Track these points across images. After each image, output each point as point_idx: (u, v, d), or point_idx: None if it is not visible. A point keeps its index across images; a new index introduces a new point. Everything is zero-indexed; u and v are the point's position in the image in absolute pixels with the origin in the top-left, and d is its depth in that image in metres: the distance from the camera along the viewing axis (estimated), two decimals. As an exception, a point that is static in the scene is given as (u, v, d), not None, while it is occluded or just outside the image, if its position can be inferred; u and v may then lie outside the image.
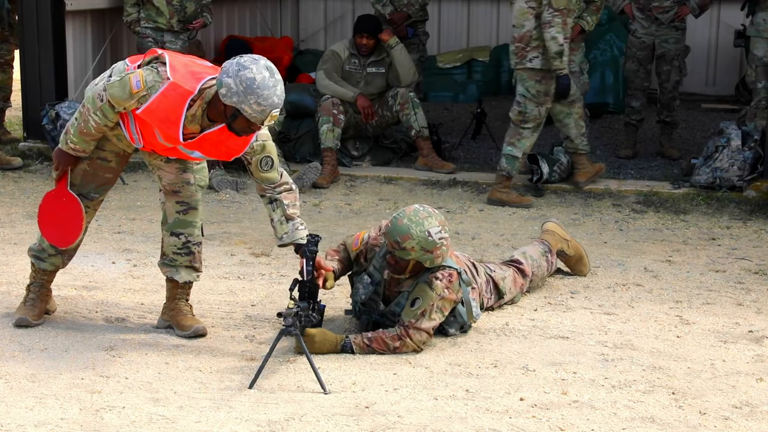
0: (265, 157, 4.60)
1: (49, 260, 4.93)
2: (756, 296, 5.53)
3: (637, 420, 3.98)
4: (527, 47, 7.31)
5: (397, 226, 4.67)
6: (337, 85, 8.26)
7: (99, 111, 4.51)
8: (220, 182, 7.78)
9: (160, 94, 4.39)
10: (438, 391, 4.22)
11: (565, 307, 5.32)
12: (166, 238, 4.87)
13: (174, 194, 4.81)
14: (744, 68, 10.81)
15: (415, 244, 4.64)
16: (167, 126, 4.44)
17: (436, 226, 4.69)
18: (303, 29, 13.29)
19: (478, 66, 11.98)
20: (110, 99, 4.46)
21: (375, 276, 4.86)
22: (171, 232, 4.85)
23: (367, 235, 4.97)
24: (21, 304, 4.99)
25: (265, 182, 4.65)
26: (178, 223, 4.83)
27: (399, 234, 4.65)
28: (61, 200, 4.72)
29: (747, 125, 7.90)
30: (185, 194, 4.82)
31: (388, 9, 9.08)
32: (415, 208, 4.76)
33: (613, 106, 10.88)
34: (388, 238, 4.70)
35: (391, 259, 4.73)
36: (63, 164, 4.71)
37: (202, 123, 4.49)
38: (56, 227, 4.76)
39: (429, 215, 4.72)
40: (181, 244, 4.84)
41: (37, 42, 8.59)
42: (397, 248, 4.67)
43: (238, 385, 4.26)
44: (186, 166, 4.81)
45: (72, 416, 3.93)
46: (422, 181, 8.03)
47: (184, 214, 4.83)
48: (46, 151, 8.48)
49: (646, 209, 7.35)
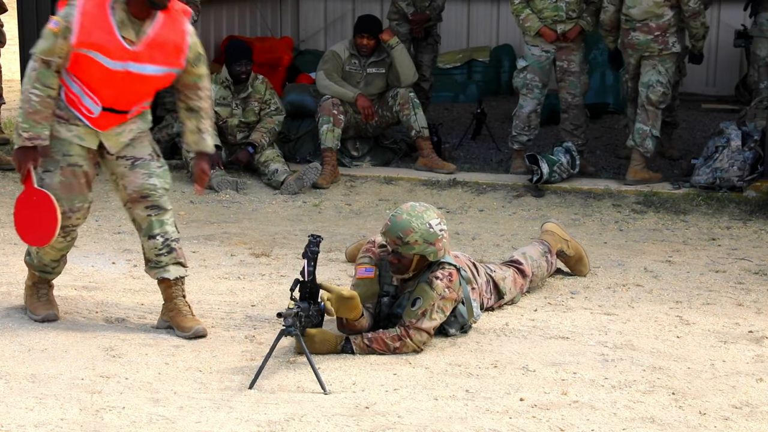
0: (197, 53, 4.80)
1: (56, 271, 5.05)
2: (756, 296, 5.53)
3: (637, 420, 3.98)
4: (666, 34, 7.68)
5: (397, 222, 4.67)
6: (337, 86, 8.26)
7: (36, 82, 4.60)
8: (220, 182, 7.78)
9: (79, 13, 4.55)
10: (438, 392, 4.22)
11: (565, 308, 5.32)
12: (146, 244, 4.91)
13: (142, 200, 4.85)
14: (744, 68, 10.81)
15: (418, 236, 4.64)
16: (105, 39, 4.56)
17: (435, 218, 4.71)
18: (303, 29, 13.28)
19: (478, 66, 11.98)
20: (41, 56, 4.59)
21: (390, 290, 4.84)
22: (148, 236, 4.88)
23: (368, 257, 4.85)
24: (35, 301, 5.04)
25: (198, 79, 4.84)
26: (153, 226, 4.87)
27: (401, 229, 4.65)
28: (31, 200, 4.72)
29: (747, 125, 7.89)
30: (154, 197, 4.86)
31: (411, 9, 9.14)
32: (411, 204, 4.77)
33: (613, 106, 10.89)
34: (389, 236, 4.69)
35: (394, 259, 4.72)
36: (24, 162, 4.72)
37: (134, 27, 4.62)
38: (34, 228, 4.77)
39: (426, 209, 4.74)
40: (161, 245, 4.87)
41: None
42: (400, 244, 4.66)
43: (238, 385, 4.26)
44: (151, 170, 4.86)
45: (72, 416, 3.93)
46: (422, 181, 8.03)
47: (156, 216, 4.87)
48: (46, 151, 8.46)
49: (646, 209, 7.35)
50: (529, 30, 8.00)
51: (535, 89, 8.11)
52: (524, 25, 8.02)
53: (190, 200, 7.57)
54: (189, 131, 4.92)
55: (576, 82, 8.10)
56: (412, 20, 9.12)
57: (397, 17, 9.33)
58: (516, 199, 7.63)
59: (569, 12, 7.93)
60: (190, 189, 7.84)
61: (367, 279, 4.79)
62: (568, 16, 7.94)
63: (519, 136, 8.21)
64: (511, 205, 7.51)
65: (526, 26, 8.00)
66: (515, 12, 8.05)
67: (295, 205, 7.46)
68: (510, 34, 12.22)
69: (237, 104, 8.18)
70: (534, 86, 8.11)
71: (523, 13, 7.99)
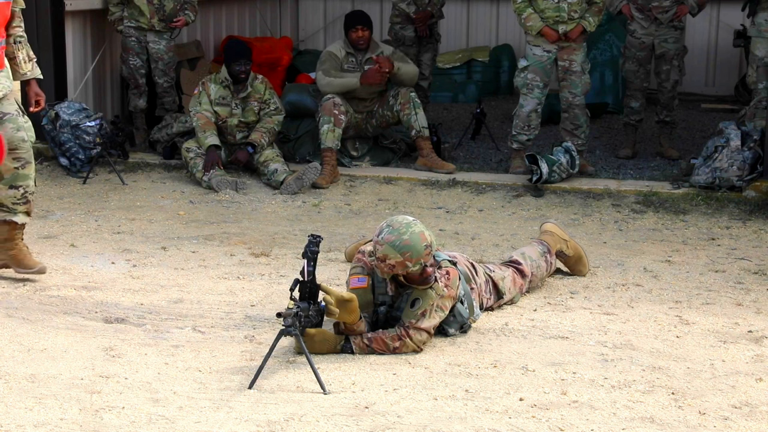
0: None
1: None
2: (755, 296, 5.54)
3: (636, 420, 3.98)
4: None
5: (393, 255, 4.55)
6: (338, 80, 8.23)
7: None
8: (220, 182, 7.77)
9: None
10: (437, 392, 4.22)
11: (565, 308, 5.32)
12: (4, 192, 5.35)
13: (11, 152, 5.29)
14: (743, 68, 10.82)
15: (415, 261, 4.56)
16: None
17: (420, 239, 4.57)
18: (302, 29, 13.30)
19: (478, 66, 11.99)
20: None
21: (386, 300, 4.80)
22: (10, 185, 5.36)
23: (360, 267, 4.79)
24: None
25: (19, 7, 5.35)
26: (18, 178, 5.36)
27: (398, 263, 4.55)
28: None
29: (746, 125, 7.90)
30: (22, 151, 5.34)
31: (412, 8, 9.14)
32: (390, 221, 4.64)
33: (613, 106, 10.90)
34: (390, 261, 4.58)
35: (403, 280, 4.68)
36: None
37: None
38: None
39: (410, 230, 4.57)
40: (20, 195, 5.40)
41: (36, 42, 8.58)
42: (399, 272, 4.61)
43: (237, 385, 4.26)
44: (18, 125, 5.32)
45: (71, 416, 3.93)
46: (422, 181, 8.03)
47: (22, 169, 5.36)
48: (45, 151, 8.48)
49: (646, 209, 7.35)
50: (531, 30, 8.00)
51: (536, 89, 8.11)
52: (526, 25, 8.02)
53: (189, 200, 7.57)
54: (23, 61, 5.42)
55: (577, 81, 8.10)
56: (416, 19, 9.13)
57: (399, 20, 9.35)
58: (515, 199, 7.63)
59: (571, 13, 7.93)
60: (190, 189, 7.85)
61: (361, 289, 4.73)
62: (569, 17, 7.94)
63: (519, 136, 8.21)
64: (510, 205, 7.51)
65: (528, 26, 8.00)
66: (517, 11, 8.04)
67: (295, 205, 7.46)
68: (509, 34, 12.24)
69: (236, 104, 8.18)
70: (535, 86, 8.11)
71: (525, 12, 7.99)
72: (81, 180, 8.05)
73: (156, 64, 9.05)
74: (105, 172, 8.20)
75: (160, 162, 8.51)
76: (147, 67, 9.09)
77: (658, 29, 8.60)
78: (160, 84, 9.13)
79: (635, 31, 8.67)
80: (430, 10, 9.28)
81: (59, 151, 8.24)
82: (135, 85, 9.09)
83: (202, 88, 8.19)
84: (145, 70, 9.08)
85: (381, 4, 12.48)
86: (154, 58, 9.03)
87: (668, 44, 8.62)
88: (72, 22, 8.93)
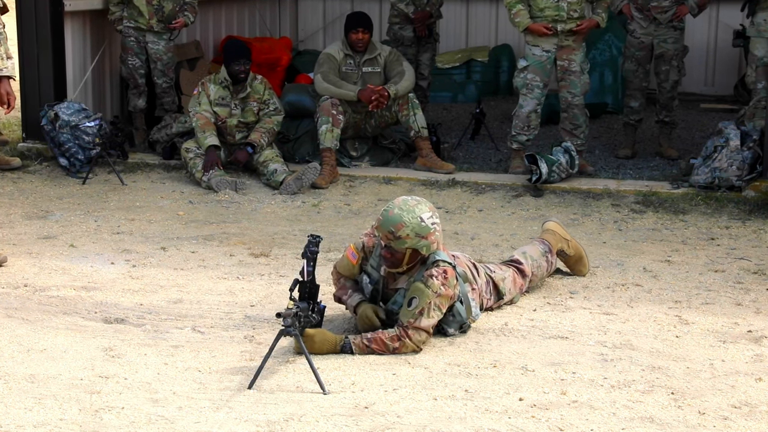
0: None
1: None
2: (755, 296, 5.53)
3: (636, 420, 3.98)
4: None
5: (389, 217, 4.68)
6: (335, 87, 8.24)
7: None
8: (220, 183, 7.77)
9: None
10: (437, 392, 4.22)
11: (564, 307, 5.32)
12: None
13: None
14: (743, 68, 10.81)
15: (410, 231, 4.64)
16: None
17: (427, 211, 4.72)
18: (302, 29, 13.29)
19: (477, 66, 11.99)
20: None
21: (373, 275, 4.87)
22: None
23: (362, 243, 4.95)
24: None
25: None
26: None
27: (392, 224, 4.66)
28: None
29: (746, 125, 7.90)
30: None
31: (411, 8, 9.14)
32: (404, 198, 4.78)
33: (612, 106, 10.90)
34: (381, 231, 4.71)
35: (387, 253, 4.73)
36: None
37: None
38: None
39: (418, 202, 4.74)
40: None
41: (36, 43, 8.59)
42: (392, 239, 4.67)
43: (237, 385, 4.26)
44: None
45: (71, 417, 3.93)
46: (421, 181, 8.03)
47: None
48: (44, 151, 8.48)
49: (645, 209, 7.35)
50: (518, 26, 8.01)
51: (536, 89, 8.11)
52: (514, 20, 8.02)
53: (189, 200, 7.57)
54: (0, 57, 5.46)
55: (576, 81, 8.10)
56: (415, 18, 9.14)
57: (398, 20, 9.35)
58: (515, 199, 7.63)
59: (570, 12, 7.93)
60: (190, 189, 7.85)
61: (350, 262, 4.92)
62: (569, 16, 7.94)
63: (518, 136, 8.21)
64: (510, 205, 7.51)
65: (516, 21, 8.00)
66: (508, 5, 8.04)
67: (294, 206, 7.46)
68: (509, 34, 12.23)
69: (236, 104, 8.18)
70: (534, 86, 8.10)
71: (515, 8, 7.98)
72: (80, 180, 8.05)
73: (155, 65, 9.05)
74: (104, 173, 8.20)
75: (160, 162, 8.51)
76: (146, 67, 9.09)
77: (658, 29, 8.60)
78: (159, 84, 9.13)
79: (635, 31, 8.68)
80: (428, 10, 9.29)
81: (59, 152, 8.24)
82: (134, 86, 9.09)
83: (202, 88, 8.19)
84: (145, 70, 9.08)
85: (380, 4, 12.47)
86: (153, 58, 9.03)
87: (667, 44, 8.62)
88: (71, 23, 8.93)
